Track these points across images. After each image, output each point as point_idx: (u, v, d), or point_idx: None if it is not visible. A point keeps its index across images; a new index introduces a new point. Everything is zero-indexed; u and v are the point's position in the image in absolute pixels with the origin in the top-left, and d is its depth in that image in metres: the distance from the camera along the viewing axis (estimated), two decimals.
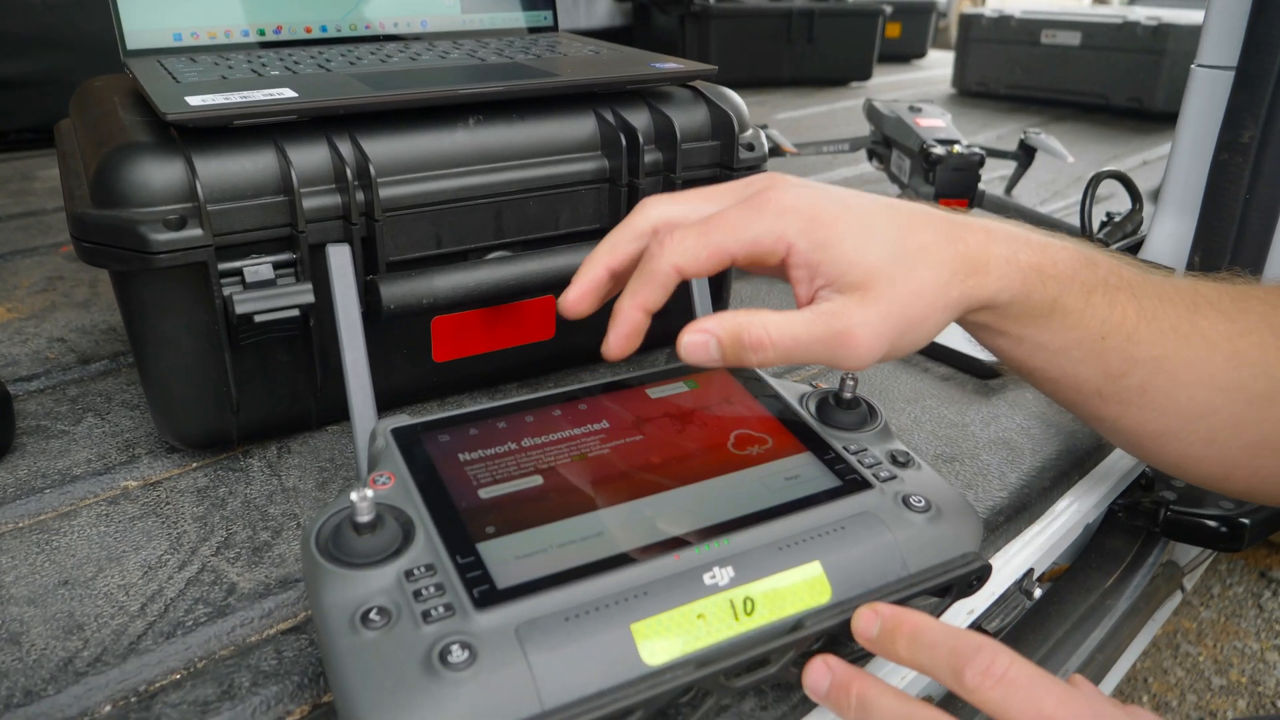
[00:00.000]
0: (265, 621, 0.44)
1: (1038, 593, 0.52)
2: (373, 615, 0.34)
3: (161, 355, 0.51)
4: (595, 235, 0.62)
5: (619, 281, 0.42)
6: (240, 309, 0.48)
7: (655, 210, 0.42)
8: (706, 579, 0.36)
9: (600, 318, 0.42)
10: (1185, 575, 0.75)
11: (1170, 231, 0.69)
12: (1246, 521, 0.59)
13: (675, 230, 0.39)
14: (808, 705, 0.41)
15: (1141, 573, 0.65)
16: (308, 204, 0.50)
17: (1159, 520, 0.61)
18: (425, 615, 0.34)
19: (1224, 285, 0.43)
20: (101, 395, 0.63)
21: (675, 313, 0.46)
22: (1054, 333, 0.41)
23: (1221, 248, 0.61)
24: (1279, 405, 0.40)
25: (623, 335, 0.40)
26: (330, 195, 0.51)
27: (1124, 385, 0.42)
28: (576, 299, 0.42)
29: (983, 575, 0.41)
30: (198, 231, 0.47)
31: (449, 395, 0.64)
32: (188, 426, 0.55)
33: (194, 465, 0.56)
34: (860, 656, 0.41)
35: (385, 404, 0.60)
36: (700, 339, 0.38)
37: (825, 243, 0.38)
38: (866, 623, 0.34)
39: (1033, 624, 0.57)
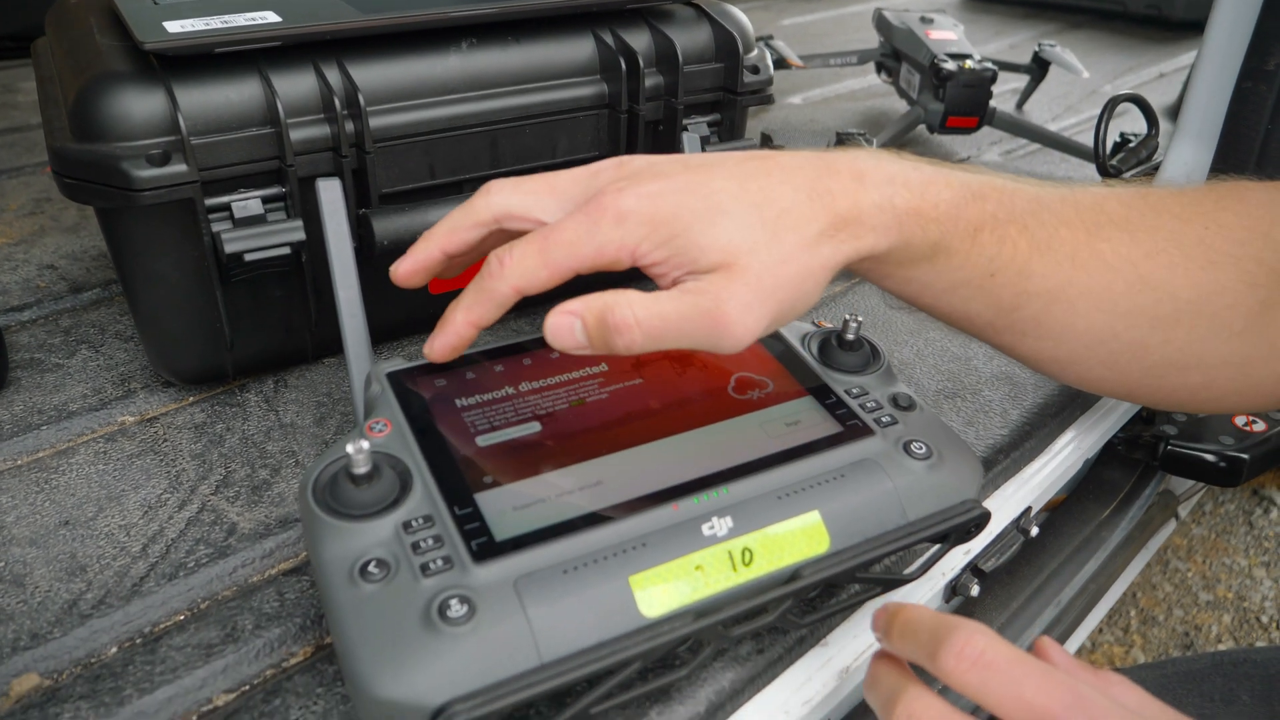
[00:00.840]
0: (266, 562, 0.44)
1: (1035, 530, 0.52)
2: (371, 568, 0.34)
3: (152, 292, 0.50)
4: None
5: (452, 262, 0.42)
6: (230, 248, 0.46)
7: (498, 199, 0.40)
8: (705, 530, 0.36)
9: None
10: (1181, 503, 0.75)
11: (1187, 159, 0.66)
12: (1246, 457, 0.59)
13: (514, 249, 0.37)
14: (803, 648, 0.42)
15: (1138, 504, 0.65)
16: (295, 135, 0.48)
17: (1158, 454, 0.61)
18: (424, 568, 0.34)
19: (1135, 197, 0.40)
20: (94, 326, 0.62)
21: None
22: (939, 274, 0.39)
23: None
24: (1182, 327, 0.38)
25: (449, 347, 0.40)
26: (319, 126, 0.49)
27: (1017, 318, 0.40)
28: (407, 274, 0.41)
29: (981, 522, 0.41)
30: (182, 167, 0.45)
31: None
32: (182, 362, 0.54)
33: (190, 400, 0.55)
34: (846, 607, 0.41)
35: (382, 337, 0.60)
36: (565, 321, 0.36)
37: (670, 238, 0.36)
38: (877, 619, 0.36)
39: (1027, 555, 0.58)
